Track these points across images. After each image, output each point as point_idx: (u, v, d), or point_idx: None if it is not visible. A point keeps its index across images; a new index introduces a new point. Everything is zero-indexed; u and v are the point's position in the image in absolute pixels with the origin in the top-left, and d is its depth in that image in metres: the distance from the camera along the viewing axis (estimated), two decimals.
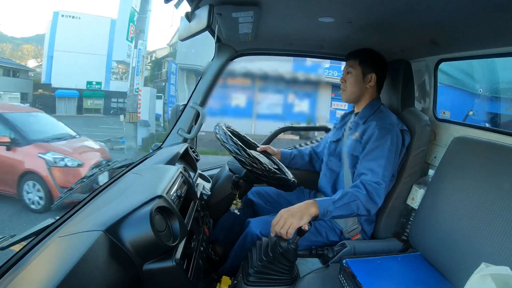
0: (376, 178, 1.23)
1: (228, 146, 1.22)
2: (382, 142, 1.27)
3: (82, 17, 20.39)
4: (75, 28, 19.58)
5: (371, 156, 1.27)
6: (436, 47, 1.34)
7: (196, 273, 0.96)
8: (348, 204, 1.18)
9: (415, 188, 1.34)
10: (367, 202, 1.20)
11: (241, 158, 1.20)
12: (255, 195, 1.57)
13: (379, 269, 1.10)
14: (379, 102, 1.43)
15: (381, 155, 1.25)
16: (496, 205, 0.94)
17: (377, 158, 1.25)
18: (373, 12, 1.09)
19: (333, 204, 1.16)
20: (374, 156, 1.26)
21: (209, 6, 0.96)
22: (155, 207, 0.84)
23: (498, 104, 2.44)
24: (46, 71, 20.32)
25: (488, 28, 1.04)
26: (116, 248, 0.77)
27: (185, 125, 1.69)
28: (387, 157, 1.25)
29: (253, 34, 1.37)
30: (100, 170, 1.30)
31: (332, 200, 1.17)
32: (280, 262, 1.11)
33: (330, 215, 1.16)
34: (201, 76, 1.71)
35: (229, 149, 1.22)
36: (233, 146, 1.21)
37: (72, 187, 1.15)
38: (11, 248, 0.80)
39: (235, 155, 1.20)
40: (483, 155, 1.08)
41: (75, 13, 20.64)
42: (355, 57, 1.41)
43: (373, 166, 1.25)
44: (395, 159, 1.29)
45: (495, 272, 0.72)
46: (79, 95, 19.91)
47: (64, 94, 19.55)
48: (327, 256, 1.26)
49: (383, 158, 1.25)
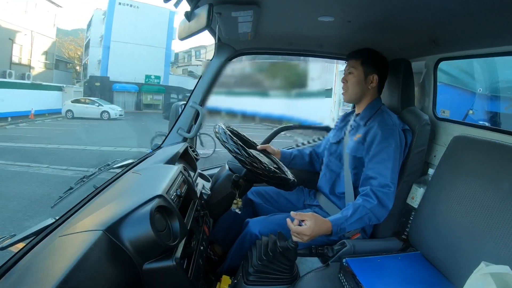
0: (385, 181, 1.24)
1: (228, 145, 1.22)
2: (386, 144, 1.27)
3: (140, 6, 19.16)
4: (132, 17, 18.39)
5: (377, 159, 1.28)
6: (436, 46, 1.34)
7: (196, 272, 0.96)
8: (361, 218, 1.21)
9: (415, 187, 1.34)
10: (378, 211, 1.22)
11: (241, 157, 1.20)
12: (255, 195, 1.57)
13: (379, 268, 1.11)
14: (379, 102, 1.43)
15: (388, 157, 1.26)
16: (496, 204, 0.94)
17: (384, 160, 1.26)
18: (372, 12, 1.09)
19: (346, 221, 1.19)
20: (381, 159, 1.27)
21: (209, 5, 0.96)
22: (155, 206, 0.84)
23: (497, 103, 2.44)
24: (102, 63, 19.34)
25: (487, 27, 1.04)
26: (116, 247, 0.77)
27: (184, 124, 1.69)
28: (393, 159, 1.26)
29: (253, 33, 1.37)
30: (100, 169, 1.29)
31: (345, 218, 1.19)
32: (280, 261, 1.11)
33: (344, 232, 1.19)
34: (201, 76, 1.71)
35: (229, 148, 1.22)
36: (233, 145, 1.21)
37: (72, 187, 1.15)
38: (10, 248, 0.80)
39: (235, 154, 1.21)
40: (482, 154, 1.08)
41: (133, 1, 19.37)
42: (356, 57, 1.40)
43: (381, 169, 1.26)
44: (400, 160, 1.30)
45: (495, 271, 0.72)
46: (138, 89, 18.91)
47: (123, 88, 18.63)
48: (327, 255, 1.26)
49: (389, 160, 1.26)
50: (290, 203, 1.56)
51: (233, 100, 7.58)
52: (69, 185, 1.15)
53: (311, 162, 1.70)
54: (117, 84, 18.57)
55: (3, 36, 15.67)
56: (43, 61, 18.84)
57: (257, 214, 1.53)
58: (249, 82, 7.53)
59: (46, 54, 18.93)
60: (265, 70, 7.87)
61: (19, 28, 16.73)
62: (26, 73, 16.95)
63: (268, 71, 7.94)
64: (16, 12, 16.17)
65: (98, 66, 20.19)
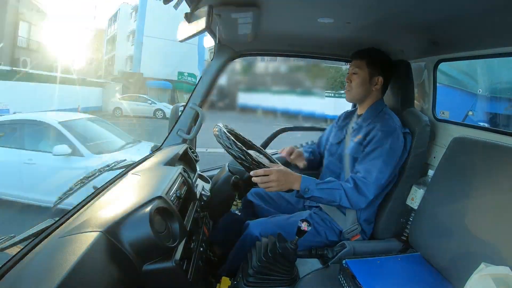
0: (368, 176, 1.24)
1: (233, 151, 1.17)
2: (381, 144, 1.26)
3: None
4: (163, 12, 17.13)
5: (369, 158, 1.27)
6: (436, 48, 1.34)
7: (195, 274, 0.95)
8: (331, 190, 1.22)
9: (415, 188, 1.34)
10: (352, 195, 1.22)
11: (247, 163, 1.17)
12: (255, 196, 1.57)
13: (379, 270, 1.10)
14: (382, 103, 1.41)
15: (379, 156, 1.25)
16: (496, 205, 0.95)
17: (374, 159, 1.26)
18: (372, 13, 1.10)
19: (316, 185, 1.21)
20: (372, 157, 1.27)
21: (209, 6, 0.96)
22: (154, 208, 0.84)
23: (497, 104, 2.45)
24: (135, 59, 18.89)
25: (487, 29, 1.04)
26: (115, 249, 0.77)
27: (184, 125, 1.69)
28: (384, 160, 1.25)
29: (253, 35, 1.37)
30: (100, 171, 1.29)
31: (316, 182, 1.22)
32: (280, 262, 1.11)
33: (310, 194, 1.21)
34: (201, 77, 1.71)
35: (234, 155, 1.17)
36: (238, 151, 1.16)
37: (71, 188, 1.15)
38: (10, 250, 0.80)
39: (241, 161, 1.18)
40: (482, 155, 1.08)
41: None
42: (362, 57, 1.37)
43: (368, 167, 1.25)
44: (393, 163, 1.27)
45: (495, 272, 0.72)
46: (172, 87, 18.29)
47: (157, 85, 17.98)
48: (327, 256, 1.26)
49: (379, 159, 1.25)
50: (290, 204, 1.56)
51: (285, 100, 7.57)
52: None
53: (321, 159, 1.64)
54: (151, 81, 18.02)
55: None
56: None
57: (257, 215, 1.53)
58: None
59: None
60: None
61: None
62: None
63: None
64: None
65: (127, 62, 19.87)
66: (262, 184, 1.17)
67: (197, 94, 1.70)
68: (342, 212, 1.37)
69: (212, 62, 1.69)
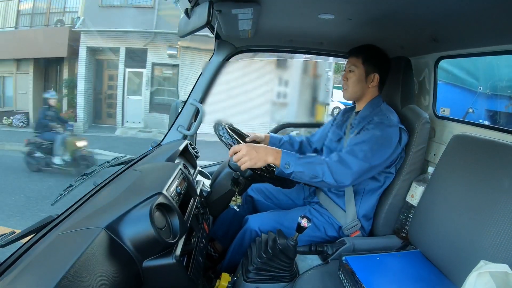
0: (355, 152, 1.20)
1: (220, 133, 1.23)
2: (371, 130, 1.25)
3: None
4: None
5: (355, 140, 1.25)
6: (436, 44, 1.33)
7: (196, 269, 0.96)
8: (312, 164, 1.17)
9: (415, 185, 1.34)
10: (336, 168, 1.17)
11: (227, 141, 1.21)
12: (255, 191, 1.58)
13: (379, 266, 1.11)
14: (380, 100, 1.41)
15: (367, 140, 1.22)
16: (495, 202, 0.95)
17: (361, 142, 1.22)
18: (373, 9, 1.09)
19: (297, 159, 1.16)
20: (359, 140, 1.24)
21: (209, 2, 0.95)
22: (155, 204, 0.84)
23: (497, 102, 2.44)
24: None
25: (488, 26, 1.04)
26: (116, 245, 0.77)
27: (184, 122, 1.69)
28: (372, 146, 1.21)
29: (253, 31, 1.37)
30: (100, 167, 1.30)
31: (296, 156, 1.17)
32: (280, 258, 1.11)
33: (291, 170, 1.15)
34: (201, 73, 1.71)
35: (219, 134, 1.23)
36: (221, 131, 1.22)
37: (72, 184, 1.16)
38: (11, 246, 0.81)
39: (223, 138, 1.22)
40: (482, 153, 1.08)
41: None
42: (358, 55, 1.37)
43: (354, 148, 1.22)
44: (383, 151, 1.24)
45: (494, 270, 0.73)
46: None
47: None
48: (327, 253, 1.27)
49: (367, 143, 1.21)
50: (290, 200, 1.57)
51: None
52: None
53: (301, 150, 1.65)
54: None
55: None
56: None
57: (257, 210, 1.54)
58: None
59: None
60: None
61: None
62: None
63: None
64: None
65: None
66: (238, 161, 1.15)
67: (197, 90, 1.69)
68: (342, 208, 1.37)
69: (212, 58, 1.68)
